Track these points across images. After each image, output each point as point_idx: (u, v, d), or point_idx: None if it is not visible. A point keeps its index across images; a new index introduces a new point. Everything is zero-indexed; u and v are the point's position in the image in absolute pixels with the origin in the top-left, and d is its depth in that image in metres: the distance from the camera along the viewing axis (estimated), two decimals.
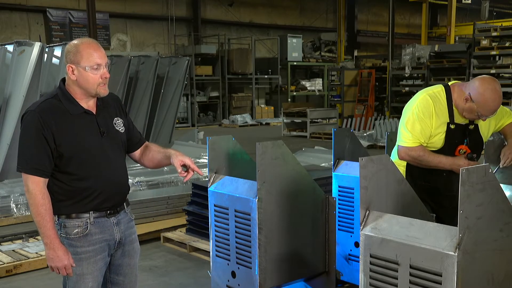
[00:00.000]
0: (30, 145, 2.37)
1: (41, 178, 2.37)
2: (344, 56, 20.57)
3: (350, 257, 3.71)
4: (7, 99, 7.48)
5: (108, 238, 2.53)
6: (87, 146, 2.44)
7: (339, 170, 3.72)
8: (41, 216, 2.38)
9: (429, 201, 3.23)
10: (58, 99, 2.44)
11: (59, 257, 2.43)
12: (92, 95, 2.50)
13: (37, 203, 2.37)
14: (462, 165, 3.06)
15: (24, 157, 2.38)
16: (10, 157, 7.43)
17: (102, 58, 2.48)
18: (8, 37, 15.16)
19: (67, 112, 2.42)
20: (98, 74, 2.47)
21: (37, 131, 2.35)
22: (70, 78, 2.46)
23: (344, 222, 3.74)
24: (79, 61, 2.42)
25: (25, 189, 2.39)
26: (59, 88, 2.49)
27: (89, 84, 2.45)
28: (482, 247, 2.09)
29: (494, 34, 13.66)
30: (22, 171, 2.39)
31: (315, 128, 15.16)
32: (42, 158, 2.36)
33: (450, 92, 3.20)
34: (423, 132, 3.15)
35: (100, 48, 2.50)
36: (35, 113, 2.37)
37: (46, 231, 2.41)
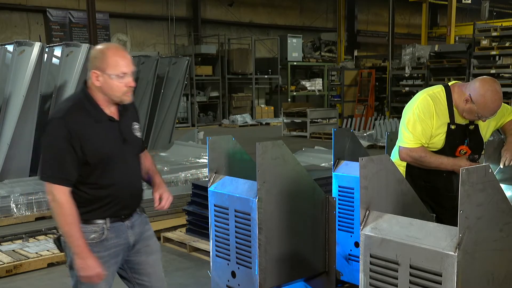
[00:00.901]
0: (56, 154, 2.32)
1: (67, 187, 2.33)
2: (344, 56, 20.56)
3: (350, 257, 3.71)
4: (7, 99, 7.48)
5: (122, 242, 2.52)
6: (111, 154, 2.41)
7: (339, 170, 3.72)
8: (69, 225, 2.33)
9: (429, 201, 3.23)
10: (83, 105, 2.39)
11: (90, 266, 2.36)
12: (115, 102, 2.46)
13: (64, 213, 2.32)
14: (464, 166, 3.05)
15: (50, 167, 2.33)
16: (10, 157, 7.43)
17: (128, 67, 2.42)
18: (8, 37, 15.16)
19: (93, 119, 2.38)
20: (123, 83, 2.41)
21: (63, 139, 2.30)
22: (94, 84, 2.41)
23: (344, 222, 3.74)
24: (105, 69, 2.37)
25: (50, 198, 2.34)
26: (83, 93, 2.44)
27: (113, 91, 2.41)
28: (482, 247, 2.09)
29: (494, 34, 13.65)
30: (47, 181, 2.33)
31: (315, 128, 15.16)
32: (68, 167, 2.32)
33: (450, 93, 3.19)
34: (424, 133, 3.15)
35: (127, 56, 2.44)
36: (61, 120, 2.32)
37: (75, 241, 2.34)
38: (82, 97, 2.42)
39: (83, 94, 2.43)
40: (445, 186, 3.26)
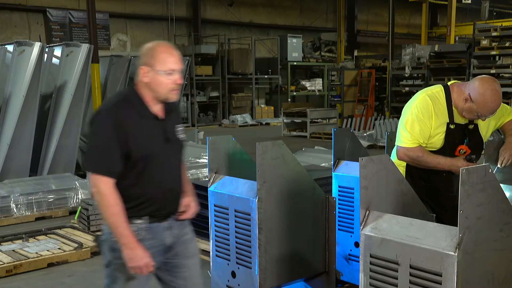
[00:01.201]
0: (102, 146, 2.33)
1: (111, 179, 2.33)
2: (344, 56, 20.56)
3: (350, 257, 3.71)
4: (7, 99, 7.48)
5: (158, 244, 2.49)
6: (153, 152, 2.41)
7: (339, 170, 3.72)
8: (115, 216, 2.32)
9: (429, 202, 3.23)
10: (130, 101, 2.41)
11: (139, 256, 2.34)
12: (162, 99, 2.45)
13: (110, 204, 2.32)
14: (461, 166, 3.04)
15: (96, 158, 2.35)
16: (10, 157, 7.43)
17: (176, 64, 2.44)
18: (8, 37, 15.16)
19: (138, 115, 2.39)
20: (171, 80, 2.41)
21: (110, 131, 2.32)
22: (142, 80, 2.43)
23: (344, 222, 3.74)
24: (154, 65, 2.39)
25: (95, 191, 2.34)
26: (131, 89, 2.46)
27: (161, 88, 2.41)
28: (482, 247, 2.09)
29: (494, 34, 13.65)
30: (93, 172, 2.34)
31: (315, 128, 15.16)
32: (114, 159, 2.32)
33: (449, 92, 3.19)
34: (422, 133, 3.15)
35: (175, 53, 2.45)
36: (109, 113, 2.34)
37: (123, 231, 2.33)
38: (130, 93, 2.44)
39: (131, 91, 2.45)
40: (445, 186, 3.26)
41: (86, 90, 8.20)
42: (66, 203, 6.70)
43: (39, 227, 5.89)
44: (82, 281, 4.58)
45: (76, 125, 7.94)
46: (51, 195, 6.62)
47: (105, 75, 10.34)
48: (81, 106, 7.96)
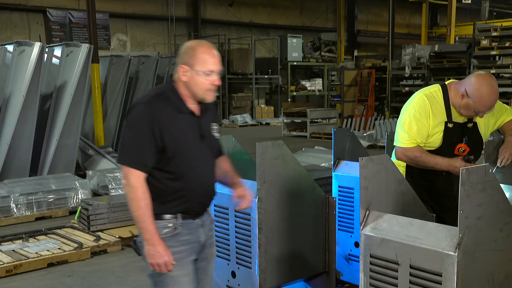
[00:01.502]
0: (136, 138, 2.33)
1: (142, 173, 2.32)
2: (344, 56, 20.56)
3: (350, 257, 3.71)
4: (7, 99, 7.48)
5: (195, 240, 2.49)
6: (188, 147, 2.41)
7: (339, 170, 3.72)
8: (142, 210, 2.31)
9: (430, 201, 3.23)
10: (167, 95, 2.41)
11: (160, 253, 2.32)
12: (198, 99, 2.45)
13: (138, 197, 2.31)
14: (459, 166, 3.05)
15: (128, 150, 2.35)
16: (10, 157, 7.43)
17: (216, 65, 2.41)
18: (8, 37, 15.15)
19: (175, 110, 2.39)
20: (209, 80, 2.40)
21: (145, 124, 2.31)
22: (180, 78, 2.42)
23: (344, 222, 3.74)
24: (193, 64, 2.37)
25: (125, 183, 2.34)
26: (169, 85, 2.46)
27: (198, 88, 2.40)
28: (482, 247, 2.09)
29: (494, 34, 13.65)
30: (124, 164, 2.33)
31: (315, 128, 15.15)
32: (147, 152, 2.32)
33: (447, 91, 3.20)
34: (420, 132, 3.16)
35: (216, 54, 2.43)
36: (146, 106, 2.34)
37: (147, 226, 2.32)
38: (168, 88, 2.44)
39: (169, 86, 2.45)
40: (446, 186, 3.25)
41: (86, 90, 8.20)
42: (66, 203, 6.70)
43: (39, 227, 5.89)
44: (82, 281, 4.58)
45: (76, 125, 7.93)
46: (51, 195, 6.62)
47: (105, 75, 10.34)
48: (81, 106, 7.96)
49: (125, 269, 4.86)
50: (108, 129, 10.21)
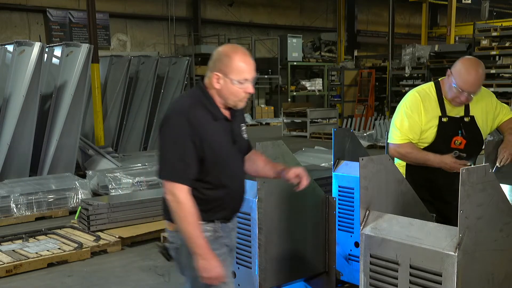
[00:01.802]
0: (179, 151, 2.25)
1: (188, 187, 2.25)
2: (344, 56, 20.55)
3: (350, 257, 3.70)
4: (7, 99, 7.48)
5: (229, 244, 2.47)
6: (225, 155, 2.36)
7: (339, 170, 3.72)
8: (192, 225, 2.25)
9: (431, 199, 3.23)
10: (202, 102, 2.32)
11: (213, 267, 2.27)
12: (229, 106, 2.38)
13: (187, 213, 2.24)
14: (449, 163, 3.10)
15: (172, 164, 2.26)
16: (10, 157, 7.43)
17: (251, 73, 2.35)
18: (8, 37, 15.15)
19: (211, 117, 2.31)
20: (243, 88, 2.33)
21: (186, 135, 2.23)
22: (213, 85, 2.33)
23: (344, 222, 3.74)
24: (228, 73, 2.30)
25: (171, 199, 2.26)
26: (201, 91, 2.36)
27: (231, 96, 2.34)
28: (482, 247, 2.09)
29: (494, 34, 13.65)
30: (169, 180, 2.25)
31: (315, 128, 15.15)
32: (190, 165, 2.25)
33: (440, 86, 3.26)
34: (412, 129, 3.20)
35: (251, 61, 2.37)
36: (185, 116, 2.25)
37: (198, 240, 2.25)
38: (201, 94, 2.35)
39: (201, 92, 2.36)
40: (446, 183, 3.26)
41: (86, 90, 8.20)
42: (66, 203, 6.70)
43: (39, 227, 5.89)
44: (82, 281, 4.58)
45: (76, 125, 7.93)
46: (51, 195, 6.62)
47: (105, 75, 10.34)
48: (81, 106, 7.96)
49: (125, 269, 4.86)
50: (108, 129, 10.21)
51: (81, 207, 5.87)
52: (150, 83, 10.46)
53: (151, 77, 10.44)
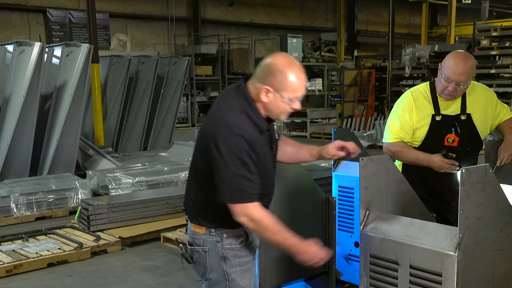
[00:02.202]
0: (241, 170, 2.16)
1: (258, 201, 2.20)
2: (344, 56, 20.54)
3: (350, 257, 3.70)
4: (7, 99, 7.48)
5: (256, 245, 2.48)
6: (269, 166, 2.34)
7: (339, 170, 3.71)
8: (278, 234, 2.23)
9: (429, 199, 3.23)
10: (248, 115, 2.22)
11: (315, 253, 2.28)
12: (271, 118, 2.32)
13: (269, 225, 2.21)
14: (437, 162, 3.15)
15: (238, 186, 2.16)
16: (10, 157, 7.43)
17: (303, 91, 2.28)
18: (8, 37, 15.14)
19: (259, 130, 2.24)
20: (291, 105, 2.27)
21: (244, 153, 2.16)
22: (260, 98, 2.23)
23: (344, 222, 3.73)
24: (281, 90, 2.21)
25: (245, 220, 2.19)
26: (247, 103, 2.25)
27: (278, 111, 2.27)
28: (482, 247, 2.09)
29: (494, 34, 13.64)
30: (239, 202, 2.17)
31: (315, 128, 15.15)
32: (254, 181, 2.20)
33: (434, 85, 3.29)
34: (403, 128, 3.27)
35: (305, 79, 2.27)
36: (239, 133, 2.15)
37: (290, 242, 2.26)
38: (246, 106, 2.24)
39: (247, 103, 2.25)
40: (440, 182, 3.27)
41: (86, 90, 8.20)
42: (66, 203, 6.70)
43: (39, 227, 5.89)
44: (82, 281, 4.58)
45: (76, 125, 7.93)
46: (51, 195, 6.62)
47: (105, 75, 10.34)
48: (81, 106, 7.96)
49: (125, 269, 4.86)
50: (108, 129, 10.21)
51: (81, 207, 5.87)
52: (150, 83, 10.46)
53: (151, 77, 10.44)
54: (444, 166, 3.14)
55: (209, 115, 2.33)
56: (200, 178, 2.32)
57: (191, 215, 2.41)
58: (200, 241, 2.36)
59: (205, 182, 2.29)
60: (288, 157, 2.61)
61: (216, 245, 2.32)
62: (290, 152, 2.60)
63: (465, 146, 3.25)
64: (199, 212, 2.35)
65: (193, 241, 2.39)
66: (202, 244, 2.35)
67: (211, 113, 2.31)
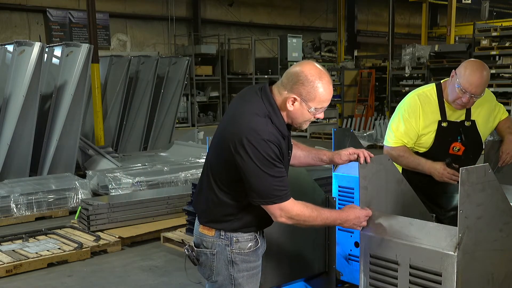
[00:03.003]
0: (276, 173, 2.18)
1: (292, 198, 2.23)
2: (344, 56, 20.54)
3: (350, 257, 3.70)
4: (7, 99, 7.48)
5: (263, 251, 2.47)
6: (286, 168, 2.31)
7: (339, 170, 3.71)
8: (319, 218, 2.26)
9: (427, 202, 3.22)
10: (272, 119, 2.22)
11: (357, 218, 2.33)
12: (293, 125, 2.33)
13: (308, 216, 2.24)
14: (439, 169, 3.04)
15: (272, 188, 2.17)
16: (10, 157, 7.43)
17: (329, 101, 2.28)
18: (8, 37, 15.14)
19: (281, 135, 2.23)
20: (314, 114, 2.27)
21: (276, 158, 2.17)
22: (285, 106, 2.24)
23: None
24: (309, 100, 2.21)
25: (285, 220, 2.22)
26: (272, 109, 2.24)
27: (301, 120, 2.27)
28: (482, 247, 2.09)
29: (494, 34, 13.64)
30: (275, 203, 2.19)
31: (315, 128, 15.15)
32: (285, 181, 2.22)
33: (441, 89, 3.19)
34: (407, 133, 3.16)
35: (332, 90, 2.27)
36: (270, 142, 2.15)
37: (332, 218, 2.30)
38: (271, 110, 2.24)
39: (271, 108, 2.24)
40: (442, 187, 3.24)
41: (86, 90, 8.20)
42: (66, 203, 6.70)
43: (39, 227, 5.89)
44: (82, 281, 4.58)
45: (76, 125, 7.93)
46: (51, 195, 6.62)
47: (105, 75, 10.34)
48: (81, 106, 7.96)
49: (125, 269, 4.86)
50: (108, 129, 10.21)
51: (81, 207, 5.88)
52: (150, 83, 10.46)
53: (151, 77, 10.44)
54: (446, 175, 3.03)
55: (231, 116, 2.29)
56: (216, 179, 2.29)
57: (201, 216, 2.39)
58: (208, 243, 2.34)
59: (220, 184, 2.28)
60: (298, 161, 2.63)
61: (225, 248, 2.31)
62: (299, 155, 2.62)
63: (468, 154, 3.21)
64: (210, 214, 2.33)
65: (201, 242, 2.37)
66: (210, 246, 2.34)
67: (234, 115, 2.27)
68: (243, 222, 2.30)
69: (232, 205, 2.27)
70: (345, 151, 2.51)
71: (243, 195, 2.24)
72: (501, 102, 3.46)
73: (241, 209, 2.29)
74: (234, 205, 2.28)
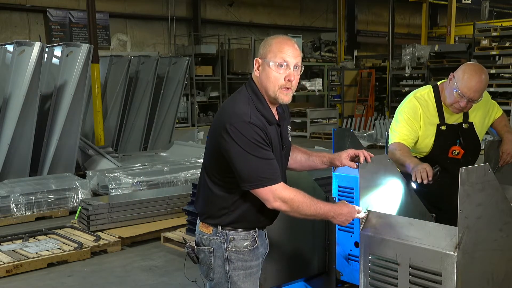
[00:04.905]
0: (262, 157, 2.12)
1: (282, 182, 2.18)
2: (344, 56, 20.54)
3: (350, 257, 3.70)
4: (7, 99, 7.48)
5: (264, 252, 2.44)
6: (278, 161, 2.25)
7: (339, 170, 3.71)
8: (311, 206, 2.20)
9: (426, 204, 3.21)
10: (254, 105, 2.18)
11: (349, 213, 2.29)
12: (271, 99, 2.22)
13: (300, 201, 2.18)
14: (420, 168, 2.91)
15: (260, 171, 2.11)
16: (10, 157, 7.43)
17: (292, 57, 2.18)
18: (8, 37, 15.14)
19: (266, 121, 2.19)
20: (282, 74, 2.17)
21: (261, 140, 2.13)
22: (254, 75, 2.23)
23: None
24: (266, 55, 2.19)
25: (277, 204, 2.15)
26: (254, 93, 2.22)
27: (269, 83, 2.18)
28: (482, 247, 2.09)
29: (494, 34, 13.65)
30: (264, 186, 2.13)
31: (315, 128, 15.15)
32: (274, 164, 2.16)
33: (438, 92, 3.18)
34: (411, 133, 3.16)
35: (294, 46, 2.21)
36: (251, 124, 2.11)
37: (323, 211, 2.22)
38: (253, 96, 2.21)
39: (253, 94, 2.22)
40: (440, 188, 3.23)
41: (86, 90, 8.21)
42: (66, 203, 6.70)
43: (39, 227, 5.89)
44: (82, 281, 4.58)
45: (76, 125, 7.93)
46: (51, 195, 6.62)
47: (105, 75, 10.34)
48: (81, 106, 7.96)
49: (125, 269, 4.86)
50: (108, 129, 10.21)
51: (81, 207, 5.88)
52: (150, 83, 10.46)
53: (151, 77, 10.44)
54: (422, 175, 2.86)
55: (218, 112, 2.32)
56: (209, 173, 2.30)
57: (200, 214, 2.40)
58: (206, 241, 2.35)
59: (213, 177, 2.28)
60: (299, 164, 2.60)
61: (221, 246, 2.31)
62: (300, 159, 2.59)
63: (467, 157, 3.20)
64: (208, 210, 2.33)
65: (200, 241, 2.38)
66: (208, 244, 2.34)
67: (221, 107, 2.30)
68: (237, 215, 2.28)
69: (225, 197, 2.26)
70: (345, 153, 2.48)
71: (234, 186, 2.22)
72: (501, 102, 3.48)
73: (234, 201, 2.27)
74: (227, 197, 2.26)
